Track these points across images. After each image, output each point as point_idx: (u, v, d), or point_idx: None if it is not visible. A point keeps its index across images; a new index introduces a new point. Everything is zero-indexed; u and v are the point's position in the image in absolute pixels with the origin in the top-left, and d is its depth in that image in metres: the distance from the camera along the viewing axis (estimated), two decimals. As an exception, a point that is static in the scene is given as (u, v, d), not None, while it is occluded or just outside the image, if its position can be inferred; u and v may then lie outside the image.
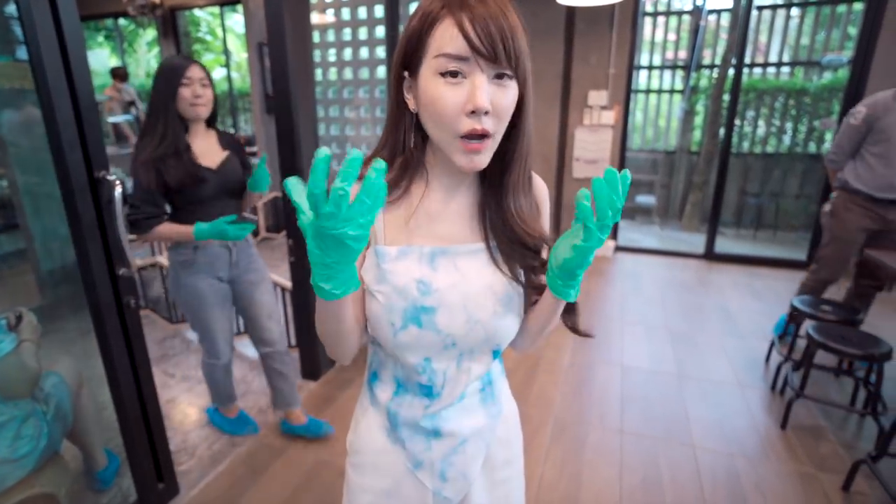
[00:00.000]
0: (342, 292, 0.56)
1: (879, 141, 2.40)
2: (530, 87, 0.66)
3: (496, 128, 0.63)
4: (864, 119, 2.43)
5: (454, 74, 0.61)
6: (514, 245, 0.72)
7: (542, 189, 0.79)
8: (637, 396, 2.41)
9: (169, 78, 1.61)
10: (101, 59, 7.80)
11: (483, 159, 0.64)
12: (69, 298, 2.27)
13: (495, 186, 0.72)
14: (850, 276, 2.68)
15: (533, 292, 0.76)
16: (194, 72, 1.65)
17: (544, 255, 0.75)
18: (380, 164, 0.49)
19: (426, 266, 0.71)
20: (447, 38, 0.60)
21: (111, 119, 5.55)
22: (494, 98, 0.61)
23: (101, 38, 7.69)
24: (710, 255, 4.60)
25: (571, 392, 2.45)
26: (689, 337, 3.02)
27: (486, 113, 0.61)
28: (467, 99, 0.60)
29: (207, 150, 1.73)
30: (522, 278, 0.74)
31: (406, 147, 0.70)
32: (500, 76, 0.62)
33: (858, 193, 2.49)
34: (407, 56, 0.65)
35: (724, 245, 4.93)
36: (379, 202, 0.50)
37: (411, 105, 0.67)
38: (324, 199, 0.48)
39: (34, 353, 1.41)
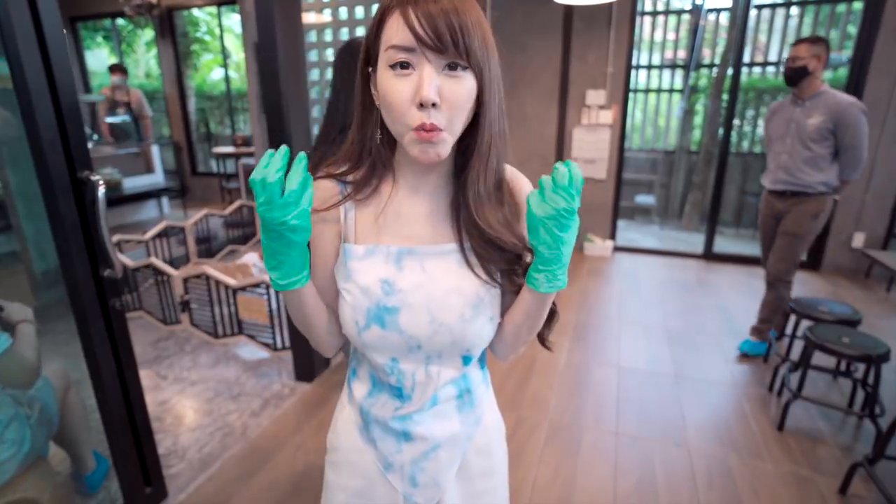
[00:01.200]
0: (287, 284, 0.64)
1: (770, 140, 2.70)
2: (491, 79, 0.63)
3: (448, 121, 0.61)
4: (764, 124, 2.78)
5: (404, 66, 0.59)
6: (488, 247, 0.69)
7: (522, 186, 0.75)
8: (633, 398, 2.39)
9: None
10: (99, 59, 7.79)
11: (438, 150, 0.62)
12: (62, 300, 2.26)
13: (462, 183, 0.70)
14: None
15: (512, 296, 0.74)
16: None
17: (527, 258, 0.71)
18: (301, 155, 0.57)
19: (392, 266, 0.69)
20: (394, 29, 0.59)
21: (109, 119, 5.53)
22: (445, 90, 0.59)
23: (99, 39, 7.67)
24: (710, 255, 4.57)
25: (567, 394, 2.43)
26: (687, 337, 2.99)
27: (434, 105, 0.59)
28: (415, 91, 0.59)
29: None
30: (499, 280, 0.71)
31: (373, 143, 0.69)
32: (452, 66, 0.60)
33: (764, 189, 2.78)
34: (368, 51, 0.65)
35: (723, 245, 4.91)
36: (307, 195, 0.59)
37: (376, 101, 0.66)
38: (261, 188, 0.57)
39: (34, 341, 1.40)
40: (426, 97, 0.58)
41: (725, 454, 2.00)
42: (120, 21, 6.95)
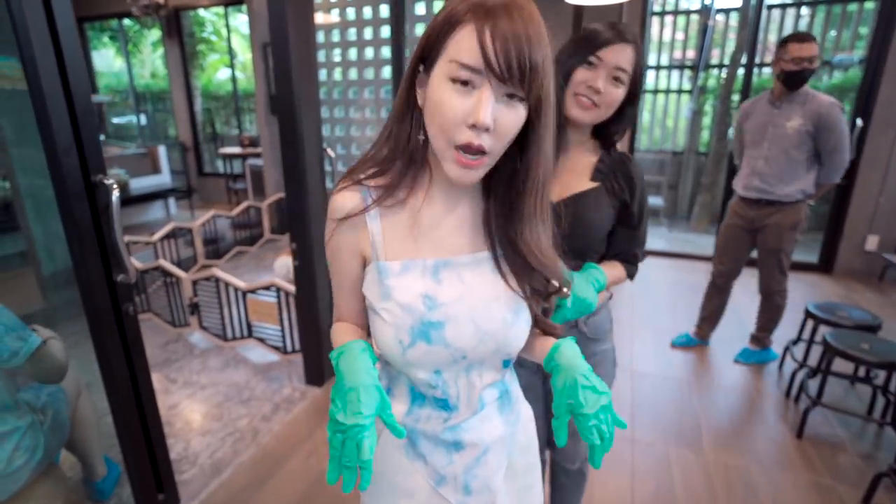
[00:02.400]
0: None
1: (744, 143, 2.56)
2: (545, 112, 0.62)
3: (494, 147, 0.60)
4: (736, 125, 2.62)
5: (465, 83, 0.58)
6: (523, 265, 0.70)
7: None
8: (647, 403, 2.36)
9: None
10: (106, 59, 7.79)
11: (475, 176, 0.62)
12: (70, 302, 2.24)
13: (501, 204, 0.69)
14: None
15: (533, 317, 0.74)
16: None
17: (552, 285, 0.72)
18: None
19: (430, 279, 0.68)
20: (465, 45, 0.57)
21: (116, 119, 5.54)
22: (499, 117, 0.59)
23: (105, 39, 7.68)
24: (720, 258, 4.52)
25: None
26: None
27: (487, 130, 0.58)
28: (471, 111, 0.57)
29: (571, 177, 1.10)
30: (528, 293, 0.72)
31: (410, 143, 0.67)
32: (510, 96, 0.59)
33: (736, 194, 2.63)
34: (425, 51, 0.63)
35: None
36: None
37: (420, 100, 0.64)
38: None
39: (61, 347, 1.42)
40: (483, 122, 0.57)
41: (744, 462, 1.97)
42: (126, 21, 6.95)
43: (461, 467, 0.74)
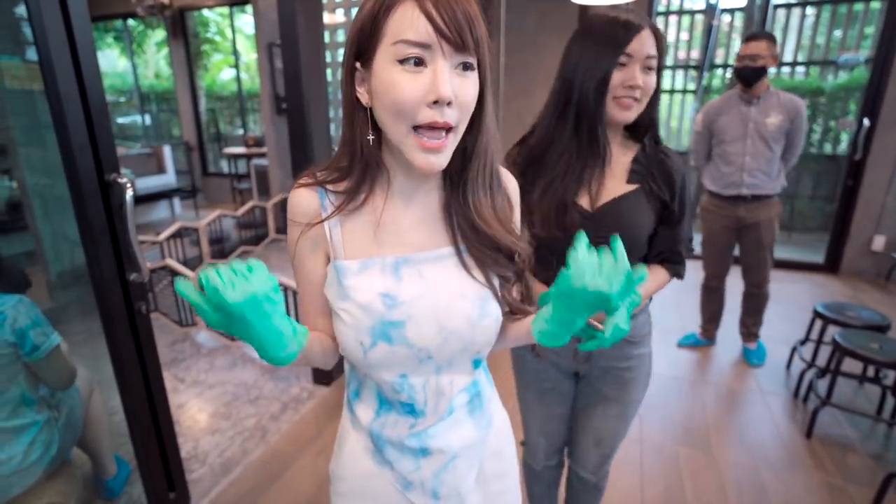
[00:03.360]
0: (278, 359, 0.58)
1: (720, 142, 2.55)
2: (489, 80, 0.62)
3: (458, 120, 0.59)
4: (703, 124, 2.61)
5: (417, 62, 0.56)
6: (484, 248, 0.68)
7: (510, 184, 0.75)
8: (656, 404, 2.35)
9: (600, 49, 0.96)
10: (110, 59, 7.82)
11: (442, 160, 0.60)
12: (78, 301, 2.25)
13: (456, 184, 0.68)
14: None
15: (505, 306, 0.72)
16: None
17: (519, 262, 0.71)
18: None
19: (390, 277, 0.66)
20: (407, 22, 0.55)
21: (120, 119, 5.55)
22: (457, 88, 0.57)
23: (109, 39, 7.70)
24: (725, 258, 4.51)
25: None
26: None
27: (450, 104, 0.57)
28: (429, 88, 0.56)
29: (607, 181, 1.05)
30: (497, 285, 0.70)
31: (363, 147, 0.64)
32: (464, 66, 0.58)
33: (713, 195, 2.63)
34: (360, 45, 0.60)
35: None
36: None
37: (364, 100, 0.62)
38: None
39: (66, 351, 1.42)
40: (444, 94, 0.55)
41: (754, 462, 1.97)
42: (131, 21, 6.96)
43: (429, 473, 0.72)
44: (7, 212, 2.63)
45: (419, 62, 0.56)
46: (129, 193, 1.33)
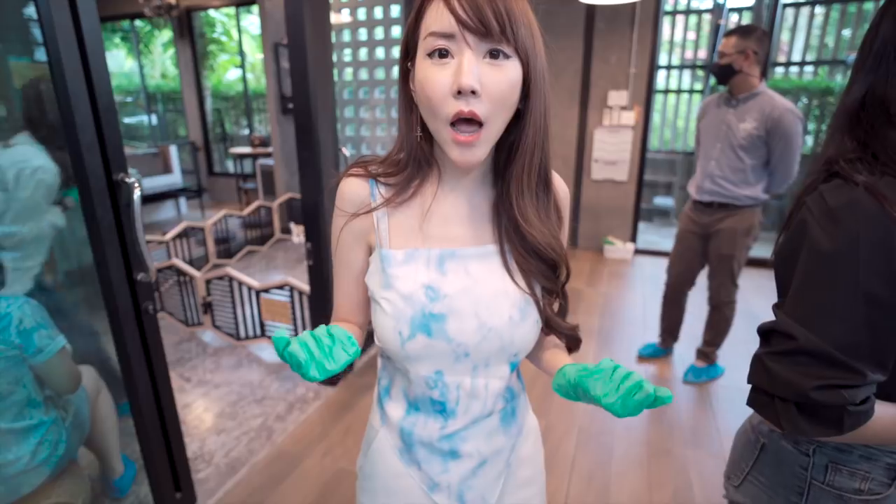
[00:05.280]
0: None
1: (700, 143, 2.43)
2: (538, 69, 0.60)
3: (489, 113, 0.57)
4: (697, 124, 2.48)
5: (442, 54, 0.56)
6: (527, 254, 0.67)
7: (562, 192, 0.73)
8: (665, 408, 2.33)
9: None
10: (117, 60, 7.85)
11: (476, 153, 0.59)
12: (84, 300, 2.25)
13: (502, 181, 0.67)
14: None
15: (543, 320, 0.70)
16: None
17: (561, 274, 0.69)
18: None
19: (434, 270, 0.65)
20: (434, 15, 0.56)
21: (127, 119, 5.57)
22: (486, 78, 0.56)
23: (117, 40, 7.73)
24: (732, 259, 4.48)
25: (595, 400, 2.38)
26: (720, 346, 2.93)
27: (475, 93, 0.55)
28: (453, 79, 0.55)
29: None
30: (538, 293, 0.69)
31: (414, 143, 0.66)
32: (494, 54, 0.56)
33: (690, 198, 2.50)
34: (407, 44, 0.62)
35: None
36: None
37: (415, 97, 0.63)
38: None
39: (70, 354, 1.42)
40: (465, 83, 0.54)
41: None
42: (138, 22, 6.99)
43: (456, 476, 0.72)
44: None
45: (444, 54, 0.56)
46: (137, 193, 1.33)
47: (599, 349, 2.88)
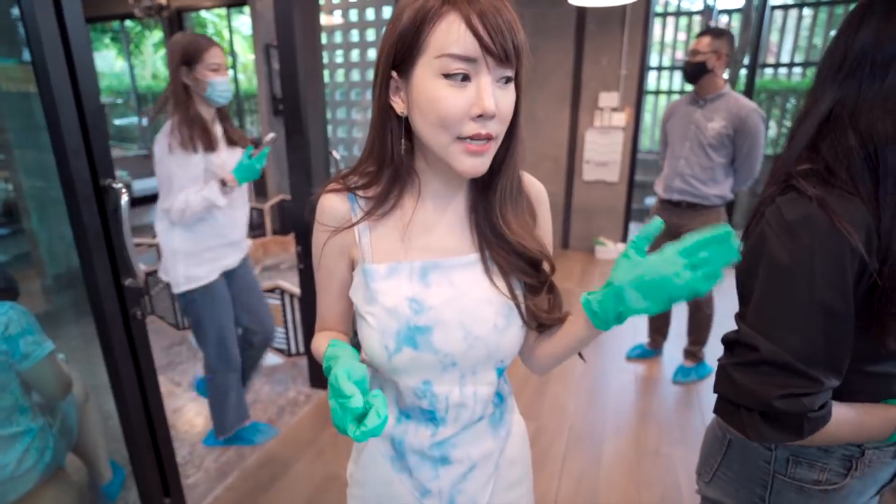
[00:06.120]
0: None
1: (667, 143, 2.49)
2: (524, 89, 0.63)
3: (499, 131, 0.60)
4: (662, 125, 2.56)
5: (464, 77, 0.56)
6: (506, 254, 0.68)
7: (538, 190, 0.74)
8: (654, 408, 2.35)
9: None
10: (107, 60, 7.80)
11: (485, 162, 0.60)
12: (74, 305, 2.24)
13: (483, 191, 0.68)
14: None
15: (529, 317, 0.70)
16: None
17: (545, 269, 0.71)
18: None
19: (418, 282, 0.66)
20: (454, 35, 0.55)
21: (117, 121, 5.54)
22: (499, 101, 0.58)
23: (107, 40, 7.68)
24: (723, 259, 4.51)
25: (585, 401, 2.39)
26: (708, 344, 2.95)
27: (493, 116, 0.57)
28: (474, 102, 0.56)
29: None
30: (520, 296, 0.70)
31: (395, 155, 0.65)
32: (506, 80, 0.58)
33: (657, 198, 2.54)
34: (398, 54, 0.59)
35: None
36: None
37: (399, 109, 0.62)
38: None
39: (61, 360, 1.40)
40: (490, 109, 0.56)
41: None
42: (128, 23, 6.95)
43: (447, 482, 0.73)
44: (3, 214, 2.62)
45: (466, 77, 0.56)
46: (125, 199, 1.32)
47: (587, 350, 2.89)
